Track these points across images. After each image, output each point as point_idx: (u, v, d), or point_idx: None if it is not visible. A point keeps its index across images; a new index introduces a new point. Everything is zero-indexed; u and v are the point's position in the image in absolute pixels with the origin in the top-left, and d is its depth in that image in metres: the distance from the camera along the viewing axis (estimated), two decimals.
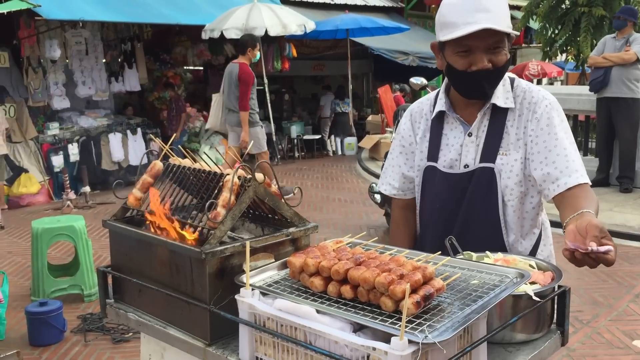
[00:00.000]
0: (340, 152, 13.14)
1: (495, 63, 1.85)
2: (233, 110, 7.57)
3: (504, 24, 1.81)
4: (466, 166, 1.98)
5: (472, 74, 1.86)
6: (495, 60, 1.85)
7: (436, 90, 2.14)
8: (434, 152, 2.05)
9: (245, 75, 7.24)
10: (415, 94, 11.12)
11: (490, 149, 1.95)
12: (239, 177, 1.77)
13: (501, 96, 1.96)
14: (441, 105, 2.04)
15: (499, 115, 1.96)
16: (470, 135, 1.98)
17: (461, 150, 1.99)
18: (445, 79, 2.04)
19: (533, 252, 2.02)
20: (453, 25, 1.82)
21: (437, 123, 2.07)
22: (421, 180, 2.09)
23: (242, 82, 7.28)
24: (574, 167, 1.86)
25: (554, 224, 2.12)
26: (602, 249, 1.48)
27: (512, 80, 2.00)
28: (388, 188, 2.23)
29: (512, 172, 1.93)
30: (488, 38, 1.81)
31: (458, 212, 1.98)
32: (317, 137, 13.20)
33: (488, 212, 1.95)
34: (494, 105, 1.95)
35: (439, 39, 1.90)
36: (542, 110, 1.92)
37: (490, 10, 1.79)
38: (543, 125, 1.91)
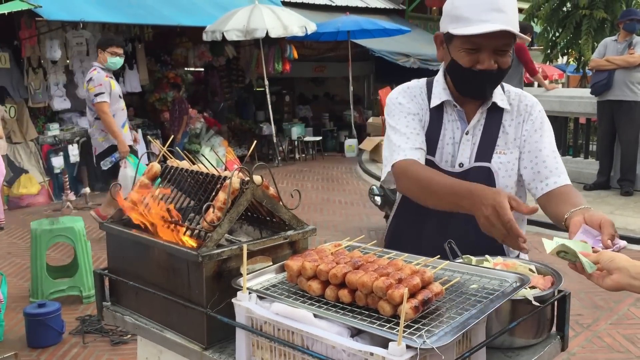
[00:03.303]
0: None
1: (501, 65, 1.84)
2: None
3: (515, 27, 1.80)
4: (461, 165, 1.96)
5: (477, 72, 1.84)
6: (501, 61, 1.84)
7: (424, 80, 2.08)
8: (431, 145, 1.99)
9: (522, 51, 8.25)
10: None
11: (486, 148, 1.95)
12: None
13: (498, 96, 1.97)
14: (445, 94, 1.98)
15: (495, 115, 1.97)
16: (467, 133, 1.97)
17: (458, 147, 1.97)
18: (441, 70, 2.02)
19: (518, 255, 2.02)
20: (466, 20, 1.79)
21: (437, 114, 2.00)
22: None
23: (523, 58, 8.34)
24: (562, 169, 1.91)
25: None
26: (622, 244, 1.48)
27: (502, 85, 2.01)
28: (415, 153, 1.91)
29: (512, 171, 1.95)
30: (498, 39, 1.79)
31: (452, 212, 1.92)
32: (318, 138, 13.20)
33: None
34: (493, 104, 1.96)
35: (448, 30, 1.86)
36: (537, 114, 1.98)
37: (505, 11, 1.78)
38: (537, 127, 1.96)
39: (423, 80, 2.09)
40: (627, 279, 1.36)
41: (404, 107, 2.01)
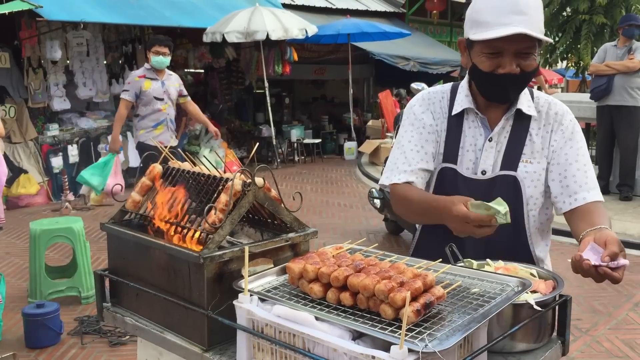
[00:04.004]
0: None
1: (524, 68, 1.79)
2: None
3: (538, 29, 1.76)
4: (484, 172, 1.91)
5: (498, 76, 1.80)
6: (524, 65, 1.79)
7: (449, 85, 2.04)
8: (452, 153, 1.94)
9: None
10: None
11: (512, 156, 1.90)
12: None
13: (525, 103, 1.92)
14: (468, 102, 1.94)
15: (522, 122, 1.92)
16: (490, 140, 1.91)
17: (480, 154, 1.92)
18: (467, 76, 1.97)
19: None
20: (486, 24, 1.76)
21: (457, 121, 1.96)
22: (435, 181, 1.97)
23: None
24: (592, 184, 1.85)
25: (558, 232, 2.09)
26: (621, 262, 1.48)
27: (531, 92, 1.96)
28: (409, 176, 1.92)
29: (538, 181, 1.90)
30: (520, 42, 1.75)
31: None
32: (317, 141, 13.21)
33: (516, 222, 1.86)
34: (518, 110, 1.91)
35: (468, 36, 1.83)
36: (568, 124, 1.91)
37: (526, 13, 1.73)
38: (567, 138, 1.89)
39: (448, 86, 2.04)
40: None
41: (416, 117, 1.99)
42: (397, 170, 1.95)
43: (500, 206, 1.56)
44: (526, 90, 1.94)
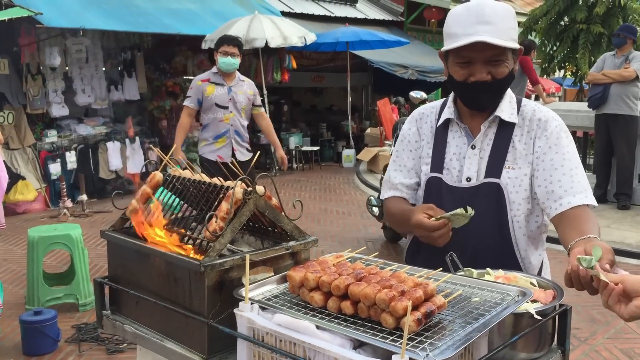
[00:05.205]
0: None
1: (495, 75, 1.86)
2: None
3: (505, 37, 1.82)
4: (468, 179, 1.96)
5: (470, 84, 1.88)
6: (495, 72, 1.86)
7: (442, 99, 2.13)
8: (438, 162, 2.02)
9: (524, 61, 8.76)
10: (414, 108, 11.14)
11: (496, 163, 1.93)
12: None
13: (506, 110, 1.96)
14: (449, 113, 2.02)
15: (505, 129, 1.96)
16: (473, 147, 1.97)
17: (463, 162, 1.97)
18: None
19: (539, 274, 2.00)
20: (454, 36, 1.85)
21: (442, 132, 2.05)
22: (424, 191, 2.05)
23: (526, 69, 8.90)
24: (579, 188, 1.85)
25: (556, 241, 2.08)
26: (621, 273, 1.48)
27: (519, 100, 2.01)
28: (395, 192, 2.12)
29: (520, 187, 1.92)
30: (487, 51, 1.82)
31: (464, 226, 1.94)
32: (316, 148, 13.21)
33: (500, 228, 1.93)
34: (500, 119, 1.95)
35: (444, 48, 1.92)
36: (552, 129, 1.93)
37: (492, 23, 1.81)
38: (551, 144, 1.91)
39: (441, 100, 2.13)
40: None
41: (403, 133, 2.16)
42: (385, 187, 2.19)
43: (461, 211, 1.76)
44: (512, 98, 1.98)
